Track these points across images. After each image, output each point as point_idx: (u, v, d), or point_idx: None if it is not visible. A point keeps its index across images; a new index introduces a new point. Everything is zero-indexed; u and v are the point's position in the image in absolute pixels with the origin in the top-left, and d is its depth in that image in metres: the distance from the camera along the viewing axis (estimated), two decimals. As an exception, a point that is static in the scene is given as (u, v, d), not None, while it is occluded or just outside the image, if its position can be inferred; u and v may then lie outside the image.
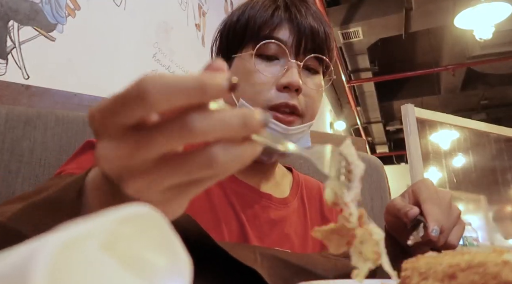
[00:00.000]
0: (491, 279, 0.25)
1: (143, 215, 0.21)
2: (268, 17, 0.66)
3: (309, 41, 0.66)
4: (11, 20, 1.14)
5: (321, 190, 0.84)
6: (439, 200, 0.58)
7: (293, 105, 0.65)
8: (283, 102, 0.64)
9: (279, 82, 0.64)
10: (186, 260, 0.22)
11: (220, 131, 0.25)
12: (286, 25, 0.66)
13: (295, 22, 0.66)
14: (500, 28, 3.81)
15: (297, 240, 0.72)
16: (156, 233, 0.22)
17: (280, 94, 0.65)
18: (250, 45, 0.67)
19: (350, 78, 5.81)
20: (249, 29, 0.67)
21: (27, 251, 0.16)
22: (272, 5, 0.68)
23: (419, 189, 0.59)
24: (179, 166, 0.26)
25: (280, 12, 0.67)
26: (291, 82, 0.63)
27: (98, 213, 0.19)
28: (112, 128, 0.26)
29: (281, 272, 0.55)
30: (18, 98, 0.83)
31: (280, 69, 0.65)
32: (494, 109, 6.94)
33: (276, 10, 0.67)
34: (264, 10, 0.67)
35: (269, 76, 0.65)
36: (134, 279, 0.20)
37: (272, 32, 0.66)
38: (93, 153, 0.60)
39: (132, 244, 0.21)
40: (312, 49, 0.67)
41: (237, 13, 0.71)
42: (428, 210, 0.56)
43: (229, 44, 0.71)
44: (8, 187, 0.72)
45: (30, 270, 0.15)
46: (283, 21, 0.66)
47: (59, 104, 0.89)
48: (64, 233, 0.17)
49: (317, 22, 0.68)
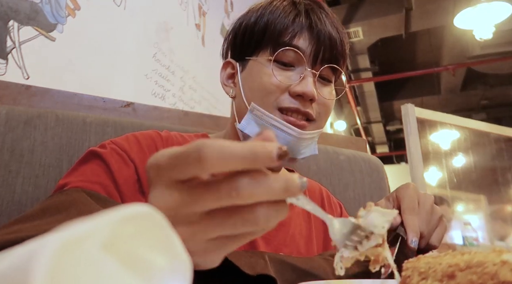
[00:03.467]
0: (489, 279, 0.25)
1: (143, 215, 0.21)
2: (289, 24, 0.65)
3: (327, 51, 0.66)
4: (11, 20, 1.14)
5: (322, 192, 0.84)
6: (420, 207, 0.59)
7: (305, 112, 0.65)
8: (295, 107, 0.64)
9: (293, 89, 0.64)
10: (186, 260, 0.22)
11: (265, 196, 0.27)
12: (306, 33, 0.66)
13: (315, 30, 0.65)
14: (500, 28, 3.81)
15: (302, 241, 0.73)
16: (156, 233, 0.22)
17: (292, 100, 0.65)
18: (267, 50, 0.66)
19: (350, 78, 5.80)
20: (268, 33, 0.66)
21: (28, 251, 0.16)
22: (293, 11, 0.67)
23: (402, 197, 0.60)
24: (226, 220, 0.28)
25: (301, 18, 0.66)
26: (306, 92, 0.63)
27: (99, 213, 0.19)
28: (167, 180, 0.29)
29: (289, 275, 0.56)
30: (18, 98, 0.83)
31: (296, 76, 0.65)
32: (494, 109, 6.93)
33: (297, 17, 0.66)
34: (285, 16, 0.66)
35: (284, 82, 0.65)
36: (134, 279, 0.20)
37: (292, 39, 0.65)
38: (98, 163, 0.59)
39: (132, 244, 0.21)
40: (329, 59, 0.67)
41: (255, 15, 0.70)
42: (408, 221, 0.57)
43: (244, 45, 0.70)
44: (8, 187, 0.72)
45: (31, 270, 0.15)
46: (304, 28, 0.66)
47: (59, 104, 0.89)
48: (64, 233, 0.17)
49: (335, 31, 0.67)
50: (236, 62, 0.71)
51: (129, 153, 0.62)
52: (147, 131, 0.69)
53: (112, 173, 0.58)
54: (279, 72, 0.65)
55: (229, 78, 0.74)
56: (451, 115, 2.57)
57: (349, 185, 1.10)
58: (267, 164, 0.27)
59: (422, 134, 2.33)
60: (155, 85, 1.82)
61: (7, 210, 0.71)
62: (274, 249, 0.68)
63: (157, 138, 0.68)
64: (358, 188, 1.10)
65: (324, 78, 0.68)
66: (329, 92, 0.69)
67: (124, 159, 0.61)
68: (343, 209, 0.86)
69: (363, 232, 0.35)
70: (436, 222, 0.59)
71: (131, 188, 0.59)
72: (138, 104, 1.00)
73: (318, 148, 0.72)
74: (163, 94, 1.87)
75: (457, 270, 0.28)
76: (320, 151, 1.16)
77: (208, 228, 0.28)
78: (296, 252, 0.70)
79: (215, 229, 0.28)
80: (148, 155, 0.64)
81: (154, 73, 1.82)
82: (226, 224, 0.28)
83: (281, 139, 0.64)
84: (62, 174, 0.77)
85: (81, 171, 0.59)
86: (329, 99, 0.68)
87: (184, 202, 0.28)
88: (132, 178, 0.60)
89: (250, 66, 0.69)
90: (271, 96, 0.65)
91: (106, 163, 0.59)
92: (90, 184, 0.56)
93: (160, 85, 1.85)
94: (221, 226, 0.28)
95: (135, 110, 0.99)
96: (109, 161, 0.59)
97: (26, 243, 0.17)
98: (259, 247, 0.66)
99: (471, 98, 6.65)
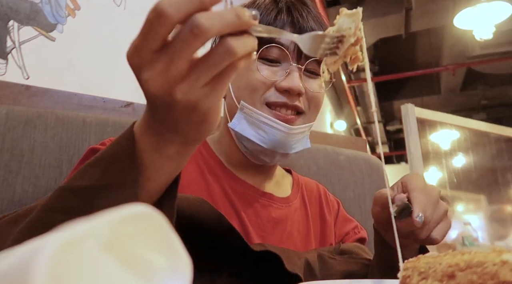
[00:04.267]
0: (489, 279, 0.25)
1: (143, 215, 0.21)
2: (271, 21, 0.66)
3: None
4: (11, 20, 1.14)
5: (319, 191, 0.85)
6: (428, 193, 0.56)
7: (293, 106, 0.65)
8: (283, 102, 0.65)
9: (279, 84, 0.65)
10: (186, 260, 0.22)
11: (221, 24, 0.32)
12: (288, 29, 0.66)
13: (297, 26, 0.66)
14: (500, 28, 3.81)
15: (300, 238, 0.73)
16: (156, 233, 0.22)
17: (279, 95, 0.65)
18: None
19: (350, 78, 5.80)
20: None
21: (28, 251, 0.16)
22: (275, 9, 0.68)
23: (408, 181, 0.58)
24: (206, 62, 0.33)
25: (282, 15, 0.67)
26: (292, 87, 0.64)
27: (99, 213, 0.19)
28: (146, 57, 0.33)
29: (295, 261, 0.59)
30: (18, 98, 0.83)
31: (281, 72, 0.66)
32: (494, 109, 6.93)
33: (279, 14, 0.67)
34: (267, 14, 0.67)
35: (270, 78, 0.65)
36: (134, 279, 0.20)
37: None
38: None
39: (132, 244, 0.21)
40: None
41: None
42: (415, 198, 0.54)
43: None
44: (8, 187, 0.72)
45: (31, 270, 0.15)
46: (285, 25, 0.66)
47: (59, 104, 0.89)
48: (64, 233, 0.17)
49: (318, 26, 0.68)
50: None
51: None
52: None
53: None
54: (264, 68, 0.66)
55: None
56: (451, 115, 2.57)
57: (349, 185, 1.10)
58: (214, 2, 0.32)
59: (422, 134, 2.33)
60: (155, 85, 1.82)
61: (7, 210, 0.71)
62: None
63: None
64: (358, 188, 1.10)
65: (311, 72, 0.69)
66: (317, 85, 0.69)
67: None
68: (341, 206, 0.86)
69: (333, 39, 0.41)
70: (441, 215, 0.57)
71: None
72: (138, 104, 1.00)
73: (318, 148, 0.73)
74: (163, 94, 1.87)
75: (457, 270, 0.28)
76: (320, 151, 1.16)
77: (197, 74, 0.34)
78: (293, 249, 0.71)
79: (203, 73, 0.34)
80: None
81: (154, 73, 1.82)
82: (208, 65, 0.33)
83: (271, 135, 0.65)
84: (62, 174, 0.77)
85: None
86: (317, 92, 0.68)
87: (168, 63, 0.33)
88: None
89: None
90: (258, 92, 0.65)
91: None
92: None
93: (160, 85, 1.85)
94: (205, 69, 0.33)
95: (135, 110, 0.99)
96: None
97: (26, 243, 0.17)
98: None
99: (471, 98, 6.65)
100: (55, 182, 0.76)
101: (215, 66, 0.33)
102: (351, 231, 0.82)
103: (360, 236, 0.82)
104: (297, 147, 0.69)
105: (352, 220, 0.85)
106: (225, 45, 0.33)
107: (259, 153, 0.68)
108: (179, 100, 0.34)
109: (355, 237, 0.81)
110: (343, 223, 0.83)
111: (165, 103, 0.35)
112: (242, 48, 0.33)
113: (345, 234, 0.81)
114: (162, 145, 0.39)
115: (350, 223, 0.84)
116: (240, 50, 0.33)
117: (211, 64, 0.33)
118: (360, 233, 0.83)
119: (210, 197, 0.66)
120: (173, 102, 0.34)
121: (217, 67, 0.33)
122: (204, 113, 0.36)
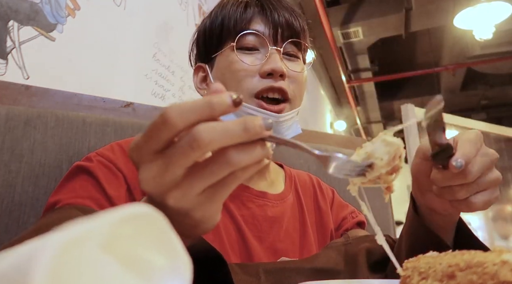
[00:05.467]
0: (489, 279, 0.25)
1: (143, 215, 0.21)
2: (242, 12, 0.68)
3: (285, 29, 0.68)
4: (11, 20, 1.14)
5: (312, 181, 0.85)
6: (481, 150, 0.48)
7: (279, 88, 0.66)
8: (268, 86, 0.65)
9: (262, 69, 0.66)
10: (186, 260, 0.22)
11: (224, 138, 0.30)
12: (259, 17, 0.68)
13: (267, 13, 0.68)
14: (500, 28, 3.81)
15: (296, 234, 0.73)
16: (156, 233, 0.22)
17: (264, 80, 0.66)
18: (229, 41, 0.69)
19: (350, 78, 5.80)
20: (225, 27, 0.69)
21: (28, 251, 0.16)
22: (243, 2, 0.70)
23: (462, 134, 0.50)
24: (202, 171, 0.31)
25: (251, 7, 0.69)
26: (274, 68, 0.65)
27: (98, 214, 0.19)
28: (147, 155, 0.32)
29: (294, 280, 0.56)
30: (18, 98, 0.83)
31: (262, 57, 0.67)
32: (494, 109, 6.93)
33: (248, 6, 0.69)
34: (235, 8, 0.69)
35: (252, 65, 0.66)
36: (134, 279, 0.20)
37: (248, 25, 0.68)
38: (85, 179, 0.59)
39: (132, 244, 0.21)
40: (289, 36, 0.69)
41: (208, 20, 0.74)
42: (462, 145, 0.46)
43: (207, 48, 0.73)
44: (8, 187, 0.72)
45: (31, 270, 0.15)
46: (256, 14, 0.69)
47: (59, 104, 0.89)
48: (65, 234, 0.17)
49: (288, 12, 0.70)
50: (205, 64, 0.74)
51: (116, 163, 0.62)
52: (131, 138, 0.70)
53: (102, 186, 0.58)
54: (244, 57, 0.67)
55: (202, 82, 0.76)
56: (451, 115, 2.57)
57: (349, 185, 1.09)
58: (225, 111, 0.30)
59: (422, 134, 2.33)
60: (155, 85, 1.82)
61: (7, 210, 0.71)
62: (269, 246, 0.68)
63: None
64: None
65: (290, 55, 0.70)
66: (298, 66, 0.70)
67: (112, 170, 0.61)
68: (336, 193, 0.86)
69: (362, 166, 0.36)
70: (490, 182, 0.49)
71: (122, 199, 0.59)
72: (138, 104, 1.00)
73: (318, 148, 0.72)
74: (163, 94, 1.87)
75: (457, 270, 0.28)
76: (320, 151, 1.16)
77: (192, 182, 0.32)
78: (291, 247, 0.70)
79: (198, 181, 0.32)
80: None
81: (154, 73, 1.82)
82: (205, 174, 0.31)
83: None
84: (62, 174, 0.77)
85: (70, 187, 0.58)
86: (299, 72, 0.69)
87: (164, 168, 0.31)
88: (122, 188, 0.60)
89: (217, 62, 0.71)
90: (243, 82, 0.66)
91: (94, 176, 0.59)
92: (81, 200, 0.56)
93: (160, 85, 1.85)
94: (201, 177, 0.32)
95: (135, 110, 0.99)
96: (97, 174, 0.59)
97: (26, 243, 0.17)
98: (252, 247, 0.65)
99: (471, 98, 6.65)
100: (55, 182, 0.76)
101: (211, 175, 0.31)
102: (348, 215, 0.82)
103: (359, 220, 0.82)
104: (289, 134, 0.70)
105: (348, 205, 0.85)
106: (224, 154, 0.31)
107: None
108: (171, 207, 0.33)
109: (353, 221, 0.81)
110: (339, 208, 0.83)
111: (158, 204, 0.33)
112: (246, 159, 0.31)
113: (342, 218, 0.82)
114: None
115: (347, 208, 0.84)
116: (243, 161, 0.31)
117: (207, 173, 0.31)
118: (358, 217, 0.83)
119: None
120: (165, 207, 0.33)
121: (214, 177, 0.31)
122: (196, 220, 0.34)
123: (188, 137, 0.30)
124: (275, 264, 0.60)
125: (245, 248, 0.65)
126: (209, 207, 0.34)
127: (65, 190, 0.58)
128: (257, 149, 0.31)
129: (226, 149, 0.30)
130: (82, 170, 0.60)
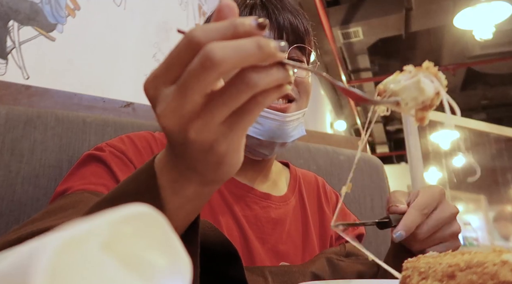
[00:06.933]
0: (489, 279, 0.25)
1: (143, 215, 0.21)
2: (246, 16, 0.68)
3: (290, 34, 0.68)
4: (11, 20, 1.14)
5: (318, 182, 0.85)
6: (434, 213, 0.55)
7: (285, 94, 0.66)
8: None
9: None
10: (186, 260, 0.22)
11: (237, 55, 0.28)
12: None
13: (273, 18, 0.67)
14: (500, 28, 3.81)
15: (299, 236, 0.73)
16: (156, 233, 0.22)
17: None
18: None
19: (350, 78, 5.80)
20: None
21: (28, 251, 0.16)
22: (249, 5, 0.69)
23: (422, 193, 0.57)
24: (222, 96, 0.29)
25: (257, 10, 0.68)
26: None
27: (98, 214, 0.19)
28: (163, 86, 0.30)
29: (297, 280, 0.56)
30: (18, 98, 0.83)
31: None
32: (494, 109, 6.93)
33: (253, 9, 0.69)
34: (241, 11, 0.68)
35: None
36: (134, 279, 0.20)
37: None
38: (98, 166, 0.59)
39: (132, 244, 0.21)
40: (294, 41, 0.69)
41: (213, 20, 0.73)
42: (408, 214, 0.54)
43: None
44: (8, 187, 0.72)
45: (31, 270, 0.15)
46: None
47: (59, 104, 0.89)
48: (65, 233, 0.17)
49: (293, 15, 0.69)
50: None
51: (127, 155, 0.62)
52: (140, 132, 0.69)
53: (115, 175, 0.57)
54: None
55: None
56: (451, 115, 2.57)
57: (349, 185, 1.09)
58: (248, 31, 0.29)
59: (422, 134, 2.33)
60: (155, 85, 1.82)
61: (7, 210, 0.71)
62: (271, 248, 0.68)
63: (151, 139, 0.68)
64: (358, 188, 1.10)
65: (294, 60, 0.70)
66: (303, 71, 0.70)
67: (124, 161, 0.61)
68: (339, 199, 0.86)
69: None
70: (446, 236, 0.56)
71: None
72: (138, 104, 1.00)
73: (318, 148, 0.72)
74: (163, 94, 1.87)
75: (457, 270, 0.28)
76: (320, 151, 1.16)
77: (213, 110, 0.30)
78: (293, 249, 0.70)
79: (219, 108, 0.30)
80: (144, 156, 0.63)
81: (154, 73, 1.81)
82: (225, 99, 0.29)
83: (267, 126, 0.65)
84: (62, 174, 0.77)
85: (81, 174, 0.58)
86: (304, 77, 0.69)
87: (182, 97, 0.29)
88: None
89: None
90: None
91: (107, 165, 0.58)
92: (93, 186, 0.55)
93: (160, 85, 1.85)
94: (221, 103, 0.29)
95: (135, 110, 0.99)
96: (110, 163, 0.59)
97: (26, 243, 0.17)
98: (254, 248, 0.66)
99: (471, 98, 6.65)
100: (55, 182, 0.76)
101: (231, 100, 0.29)
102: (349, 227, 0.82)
103: (359, 232, 0.82)
104: (294, 135, 0.69)
105: (351, 214, 0.86)
106: (242, 76, 0.29)
107: (257, 146, 0.67)
108: (193, 140, 0.31)
109: (354, 233, 0.81)
110: (342, 216, 0.83)
111: (179, 141, 0.32)
112: (266, 79, 0.29)
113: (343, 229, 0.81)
114: (180, 184, 0.36)
115: (349, 217, 0.84)
116: (263, 82, 0.29)
117: (227, 98, 0.29)
118: (358, 229, 0.83)
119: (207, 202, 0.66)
120: (187, 141, 0.31)
121: (234, 101, 0.30)
122: (221, 155, 0.33)
123: (200, 56, 0.28)
124: (279, 267, 0.60)
125: (247, 249, 0.65)
126: (232, 138, 0.32)
127: (75, 177, 0.57)
128: (276, 71, 0.30)
129: (243, 71, 0.29)
130: (94, 158, 0.60)
